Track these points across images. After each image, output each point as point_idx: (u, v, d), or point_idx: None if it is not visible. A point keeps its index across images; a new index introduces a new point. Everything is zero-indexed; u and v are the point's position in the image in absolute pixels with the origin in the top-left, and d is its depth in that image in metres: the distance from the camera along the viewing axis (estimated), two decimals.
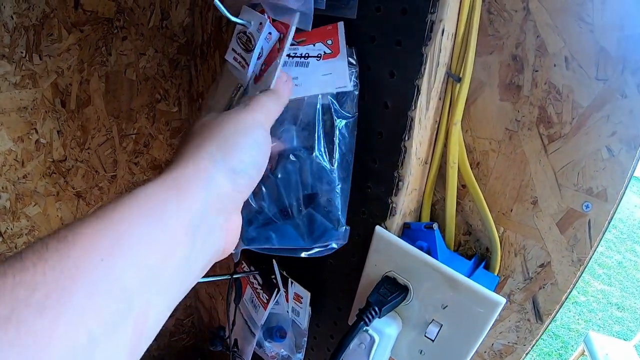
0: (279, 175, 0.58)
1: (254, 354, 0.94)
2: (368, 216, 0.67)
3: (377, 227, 0.65)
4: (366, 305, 0.61)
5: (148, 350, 1.37)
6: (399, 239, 0.62)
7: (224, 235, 0.45)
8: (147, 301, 0.35)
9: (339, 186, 0.59)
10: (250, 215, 0.60)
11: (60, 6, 1.04)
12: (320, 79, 0.58)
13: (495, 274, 0.63)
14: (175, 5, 1.15)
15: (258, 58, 0.55)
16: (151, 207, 0.37)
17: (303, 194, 0.59)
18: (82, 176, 1.25)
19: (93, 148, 1.23)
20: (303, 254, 0.60)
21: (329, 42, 0.58)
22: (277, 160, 0.59)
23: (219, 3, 0.52)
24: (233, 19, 0.55)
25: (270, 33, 0.54)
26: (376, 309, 0.60)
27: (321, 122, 0.58)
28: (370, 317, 0.60)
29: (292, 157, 0.58)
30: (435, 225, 0.61)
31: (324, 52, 0.58)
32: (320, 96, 0.58)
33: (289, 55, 0.59)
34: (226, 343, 0.94)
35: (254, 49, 0.54)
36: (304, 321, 0.82)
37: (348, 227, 0.61)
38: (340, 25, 0.58)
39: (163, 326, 1.30)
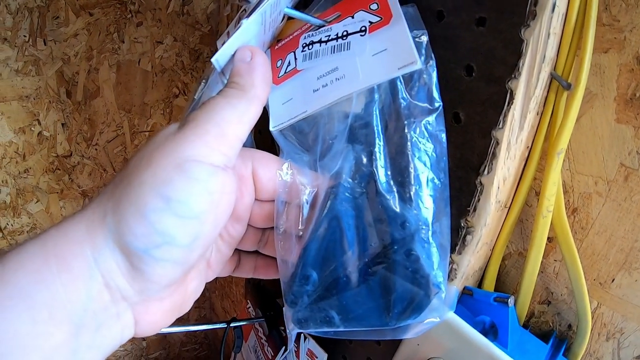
0: (325, 227, 0.36)
1: None
2: None
3: None
4: None
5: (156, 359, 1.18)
6: (456, 316, 0.41)
7: (129, 324, 0.30)
8: None
9: (426, 228, 0.35)
10: (295, 288, 0.37)
11: None
12: (371, 62, 0.35)
13: None
14: None
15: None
16: (20, 290, 0.26)
17: (367, 249, 0.37)
18: (88, 174, 1.13)
19: (101, 144, 1.10)
20: (390, 336, 0.37)
21: (373, 6, 0.37)
22: (321, 202, 0.37)
23: None
24: None
25: None
26: None
27: (381, 128, 0.36)
28: None
29: (341, 195, 0.36)
30: (511, 301, 0.40)
31: (369, 21, 0.36)
32: (376, 88, 0.36)
33: (320, 42, 0.38)
34: None
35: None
36: None
37: (455, 289, 0.39)
38: None
39: (171, 335, 1.13)
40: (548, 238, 0.42)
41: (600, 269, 0.41)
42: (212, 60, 0.33)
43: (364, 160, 0.35)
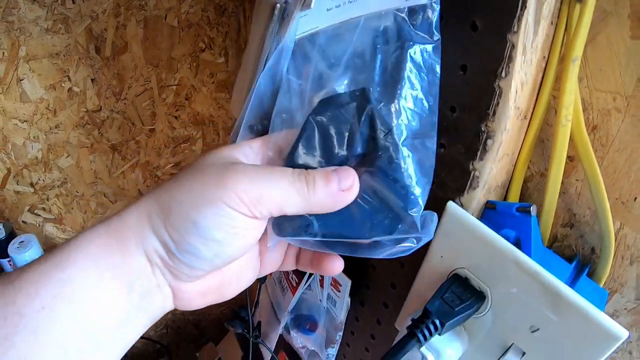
0: (313, 122, 0.38)
1: (281, 337, 0.80)
2: (437, 187, 0.48)
3: (450, 203, 0.46)
4: (423, 316, 0.43)
5: (183, 314, 1.21)
6: (479, 222, 0.43)
7: (168, 296, 0.39)
8: (86, 356, 0.34)
9: (409, 140, 0.38)
10: None
11: None
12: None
13: (601, 286, 0.45)
14: None
15: None
16: (92, 257, 0.35)
17: (354, 153, 0.38)
18: (117, 128, 1.17)
19: (130, 99, 1.14)
20: (366, 254, 0.39)
21: None
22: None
23: None
24: None
25: None
26: (437, 322, 0.42)
27: (382, 50, 0.38)
28: (427, 333, 0.42)
29: (337, 98, 0.38)
30: (533, 210, 0.42)
31: None
32: (383, 13, 0.38)
33: None
34: (247, 325, 0.79)
35: None
36: (340, 313, 0.67)
37: (435, 216, 0.39)
38: None
39: None
40: (569, 157, 0.43)
41: (622, 187, 0.42)
42: None
43: (364, 77, 0.38)
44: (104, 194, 1.28)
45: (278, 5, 0.39)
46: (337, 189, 0.36)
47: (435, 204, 0.46)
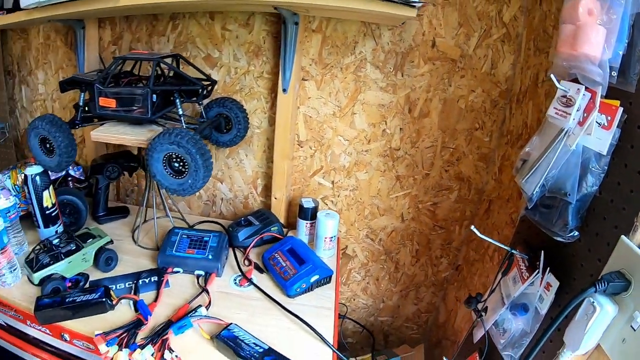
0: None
1: (484, 337, 1.16)
2: (619, 230, 0.88)
3: (623, 237, 0.85)
4: (600, 278, 0.86)
5: (379, 321, 2.04)
6: (636, 246, 0.85)
7: None
8: None
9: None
10: None
11: (423, 44, 1.49)
12: (589, 137, 0.90)
13: None
14: (502, 59, 1.48)
15: (577, 110, 0.90)
16: None
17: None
18: (405, 165, 1.66)
19: (420, 148, 1.62)
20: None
21: (608, 117, 0.87)
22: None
23: (553, 77, 0.89)
24: (560, 87, 0.93)
25: (584, 95, 0.90)
26: (606, 282, 0.85)
27: (579, 163, 0.89)
28: (600, 285, 0.85)
29: None
30: None
31: (602, 123, 0.87)
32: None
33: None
34: (477, 306, 1.19)
35: (574, 104, 0.91)
36: (544, 308, 0.99)
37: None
38: (619, 111, 0.86)
39: (404, 308, 1.94)
40: None
41: None
42: (570, 120, 0.94)
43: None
44: (377, 207, 1.75)
45: (565, 129, 0.93)
46: None
47: (616, 237, 0.89)
